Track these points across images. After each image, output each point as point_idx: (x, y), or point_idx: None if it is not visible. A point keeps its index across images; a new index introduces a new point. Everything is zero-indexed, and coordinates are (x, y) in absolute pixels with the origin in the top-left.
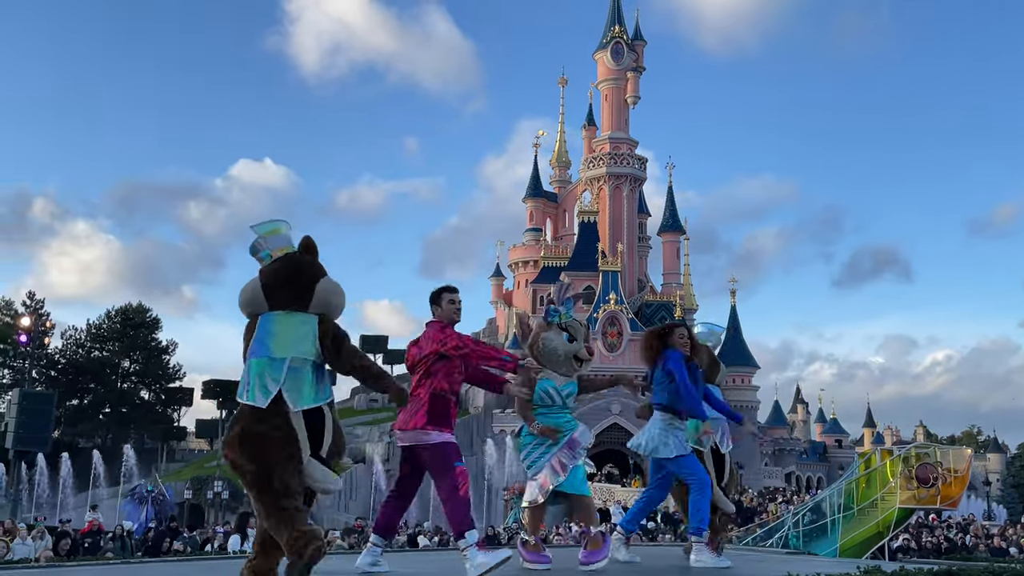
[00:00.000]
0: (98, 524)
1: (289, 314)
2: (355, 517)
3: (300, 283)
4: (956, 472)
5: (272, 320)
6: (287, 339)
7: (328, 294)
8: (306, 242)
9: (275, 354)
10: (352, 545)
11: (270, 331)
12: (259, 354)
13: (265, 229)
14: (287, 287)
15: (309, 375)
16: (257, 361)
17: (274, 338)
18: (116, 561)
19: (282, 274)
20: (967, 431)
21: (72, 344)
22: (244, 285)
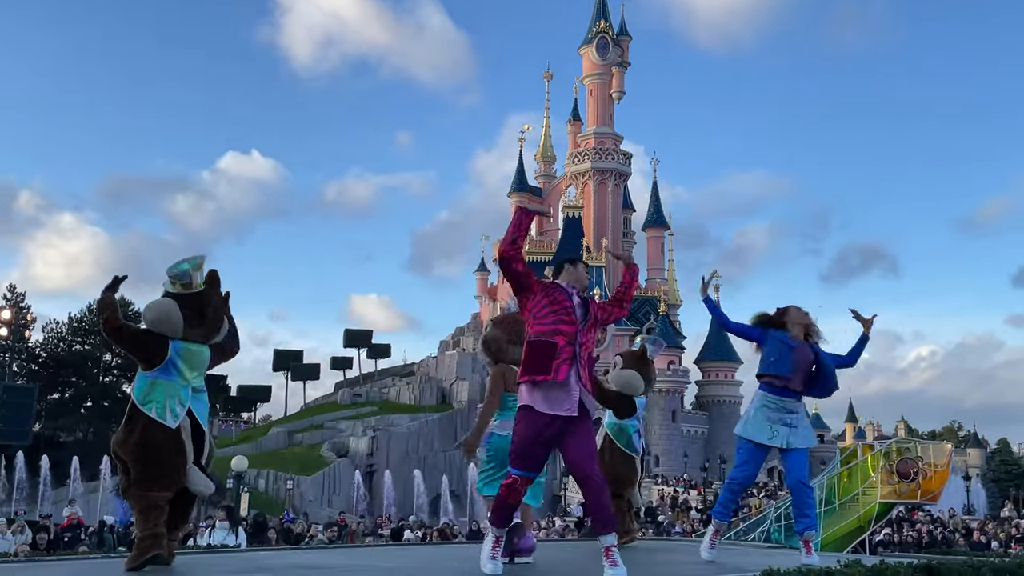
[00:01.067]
0: (78, 518)
1: (196, 345)
2: (338, 512)
3: (214, 327)
4: (937, 467)
5: (183, 349)
6: (195, 368)
7: (226, 332)
8: (215, 278)
9: (183, 380)
10: (332, 539)
11: (180, 358)
12: (171, 377)
13: (195, 262)
14: (205, 327)
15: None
16: (169, 383)
17: (184, 365)
18: (95, 555)
19: (209, 318)
20: (948, 426)
21: (53, 338)
22: (159, 303)
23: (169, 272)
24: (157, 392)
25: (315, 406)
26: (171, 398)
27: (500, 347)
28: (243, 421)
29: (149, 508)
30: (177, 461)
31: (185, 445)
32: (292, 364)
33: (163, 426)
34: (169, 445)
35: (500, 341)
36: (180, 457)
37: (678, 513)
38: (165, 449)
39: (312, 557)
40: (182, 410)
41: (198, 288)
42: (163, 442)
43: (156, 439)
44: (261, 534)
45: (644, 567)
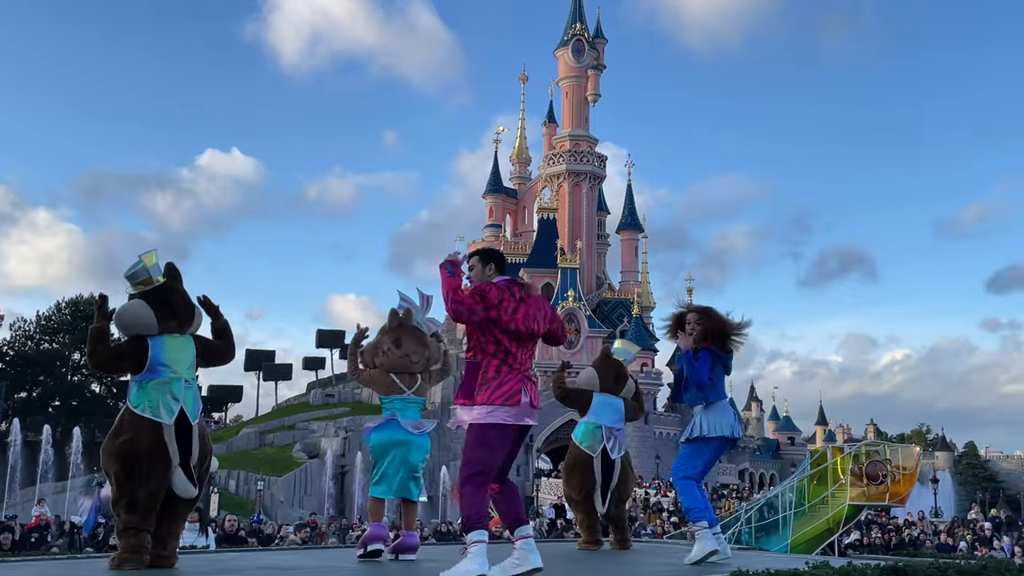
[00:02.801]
0: (45, 518)
1: (175, 337)
2: (309, 513)
3: (187, 313)
4: (905, 469)
5: (163, 343)
6: (182, 360)
7: (200, 318)
8: (174, 271)
9: (172, 374)
10: (305, 540)
11: (164, 352)
12: (160, 374)
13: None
14: (178, 316)
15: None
16: (160, 381)
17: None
18: (62, 556)
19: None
20: (916, 430)
21: (21, 336)
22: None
23: (127, 276)
24: (149, 392)
25: (287, 406)
26: (163, 395)
27: (370, 358)
28: (214, 421)
29: (127, 530)
30: (157, 471)
31: (168, 449)
32: (264, 364)
33: (150, 428)
34: (152, 450)
35: (368, 353)
36: (162, 464)
37: (650, 515)
38: (147, 456)
39: (283, 558)
40: (177, 405)
41: (159, 282)
42: (148, 447)
43: (142, 443)
44: (233, 542)
45: (614, 568)
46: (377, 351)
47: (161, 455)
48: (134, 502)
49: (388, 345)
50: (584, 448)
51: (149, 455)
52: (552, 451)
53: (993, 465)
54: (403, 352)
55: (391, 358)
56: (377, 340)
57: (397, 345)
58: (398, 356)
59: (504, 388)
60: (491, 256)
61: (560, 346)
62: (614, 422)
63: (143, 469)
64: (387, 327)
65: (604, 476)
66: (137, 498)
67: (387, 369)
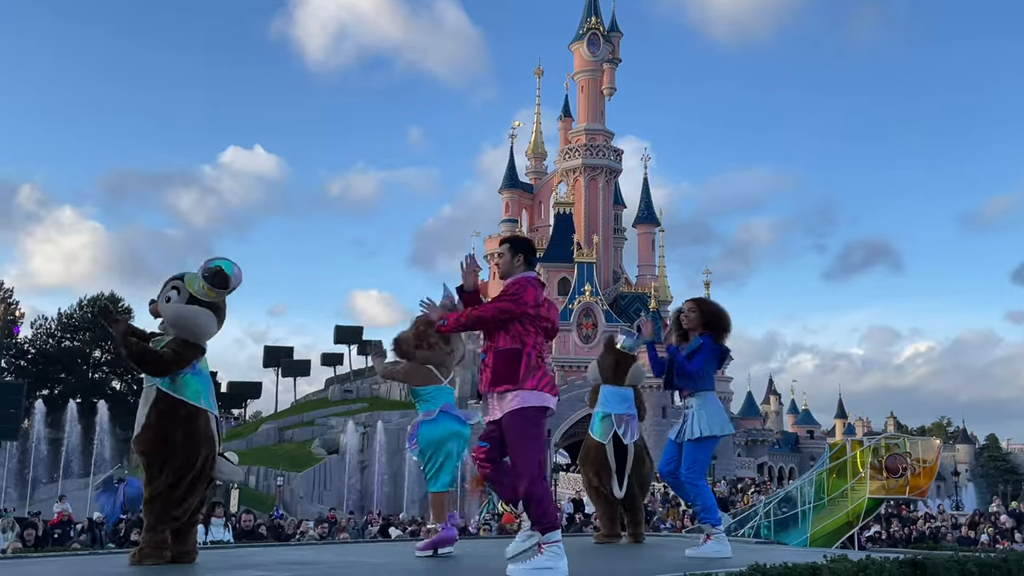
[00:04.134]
0: (67, 515)
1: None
2: (328, 508)
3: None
4: (925, 462)
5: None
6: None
7: None
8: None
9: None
10: (323, 536)
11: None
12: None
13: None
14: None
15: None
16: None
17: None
18: (84, 552)
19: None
20: (937, 422)
21: (42, 334)
22: (198, 317)
23: (206, 274)
24: (192, 383)
25: (306, 402)
26: (206, 388)
27: (408, 348)
28: (233, 417)
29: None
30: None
31: (215, 436)
32: (283, 360)
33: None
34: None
35: (409, 343)
36: (210, 447)
37: (668, 509)
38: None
39: (303, 553)
40: (213, 399)
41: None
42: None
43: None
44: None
45: (632, 562)
46: (422, 343)
47: (209, 440)
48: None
49: (436, 338)
50: (595, 437)
51: (198, 441)
52: (569, 446)
53: (1015, 457)
54: (450, 348)
55: (437, 352)
56: (420, 331)
57: (445, 341)
58: (445, 352)
59: (548, 377)
60: (521, 247)
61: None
62: (624, 410)
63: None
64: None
65: (618, 462)
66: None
67: (427, 361)
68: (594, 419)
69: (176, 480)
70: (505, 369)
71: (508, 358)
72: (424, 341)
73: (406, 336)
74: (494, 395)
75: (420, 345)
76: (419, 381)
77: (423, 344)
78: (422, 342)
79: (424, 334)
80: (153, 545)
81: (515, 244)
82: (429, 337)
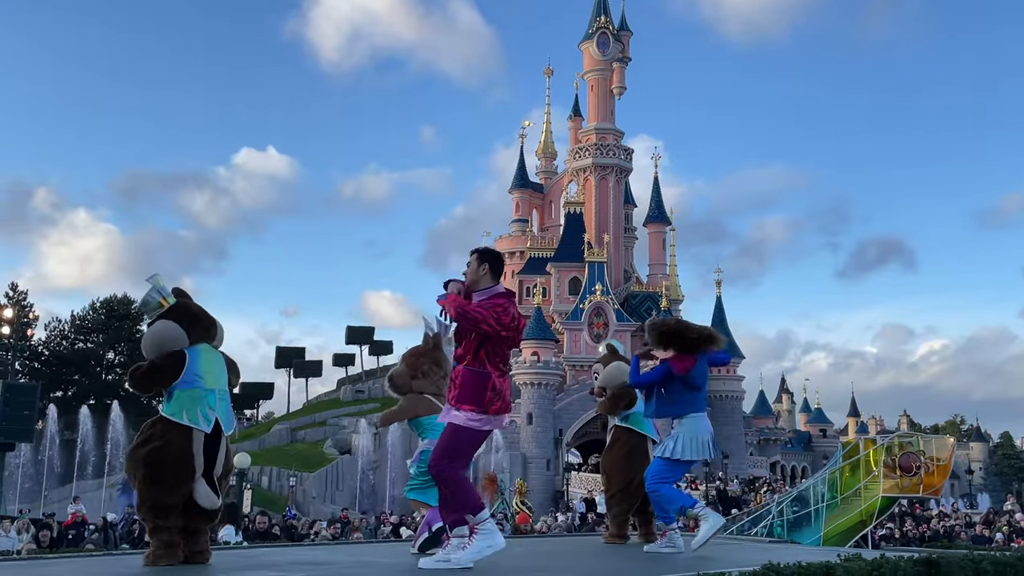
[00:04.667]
0: (81, 516)
1: (208, 350)
2: (340, 508)
3: (209, 321)
4: (939, 461)
5: (198, 355)
6: (214, 373)
7: (222, 330)
8: (182, 290)
9: (207, 385)
10: (336, 536)
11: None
12: (195, 384)
13: (156, 280)
14: (202, 321)
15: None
16: (193, 390)
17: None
18: (98, 553)
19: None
20: (951, 420)
21: (56, 336)
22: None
23: (142, 307)
24: (184, 400)
25: (318, 403)
26: (200, 404)
27: (404, 382)
28: (246, 418)
29: (156, 530)
30: (182, 478)
31: (194, 459)
32: (295, 361)
33: (181, 436)
34: (179, 458)
35: (404, 376)
36: (185, 473)
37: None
38: (173, 463)
39: (316, 553)
40: (212, 414)
41: (171, 302)
42: (175, 455)
43: (170, 450)
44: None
45: (644, 561)
46: (416, 372)
47: (186, 465)
48: (156, 507)
49: (429, 365)
50: (649, 435)
51: (174, 463)
52: (581, 445)
53: None
54: (443, 372)
55: (432, 379)
56: (412, 363)
57: (438, 365)
58: (439, 376)
59: (507, 400)
60: (487, 257)
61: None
62: None
63: (167, 477)
64: (420, 349)
65: None
66: (160, 504)
67: (424, 391)
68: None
69: (154, 499)
70: (471, 390)
71: (474, 379)
72: (418, 371)
73: (399, 371)
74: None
75: (415, 375)
76: (423, 411)
77: (417, 374)
78: (416, 371)
79: (417, 364)
80: (163, 546)
81: (483, 255)
82: (422, 366)
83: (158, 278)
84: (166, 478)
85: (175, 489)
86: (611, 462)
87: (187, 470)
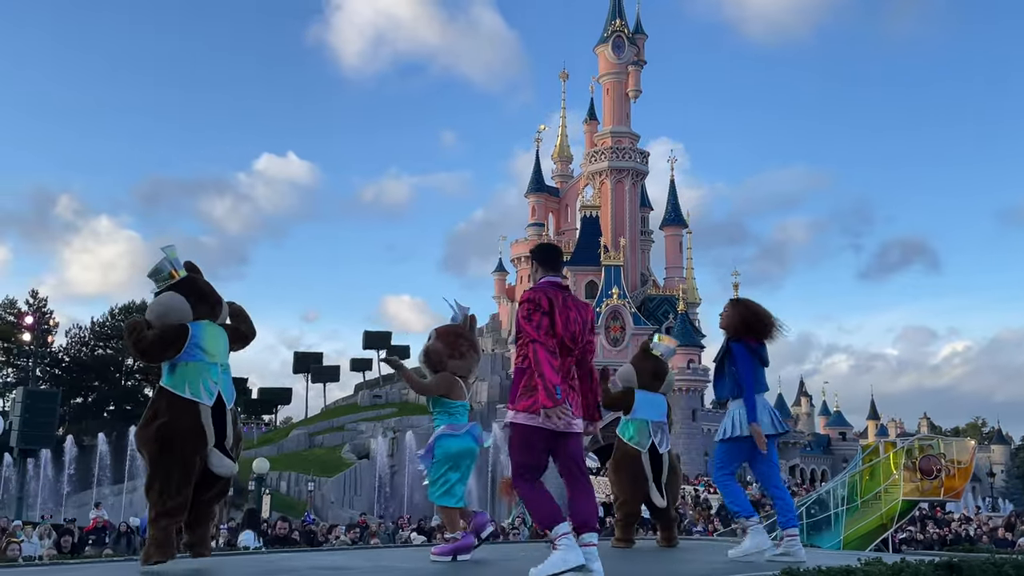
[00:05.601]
0: (103, 521)
1: (212, 325)
2: (359, 513)
3: (216, 299)
4: (960, 464)
5: (202, 329)
6: (217, 348)
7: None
8: (193, 265)
9: (210, 360)
10: (354, 541)
11: (201, 336)
12: (198, 358)
13: (170, 251)
14: (208, 299)
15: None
16: (197, 364)
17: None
18: (119, 558)
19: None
20: (971, 423)
21: (76, 342)
22: (157, 299)
23: (150, 274)
24: (188, 373)
25: (335, 408)
26: (203, 377)
27: (440, 359)
28: (264, 423)
29: (160, 516)
30: (195, 451)
31: (206, 430)
32: (312, 366)
33: (187, 411)
34: (191, 431)
35: (441, 354)
36: (199, 444)
37: (699, 512)
38: (185, 436)
39: (335, 558)
40: (215, 388)
41: (181, 275)
42: (187, 428)
43: (180, 424)
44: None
45: (669, 564)
46: (454, 352)
47: (199, 435)
48: (168, 485)
49: (467, 347)
50: (632, 444)
51: (186, 436)
52: (598, 450)
53: None
54: (478, 356)
55: (468, 362)
56: (452, 342)
57: (475, 349)
58: (474, 361)
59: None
60: (533, 256)
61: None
62: (659, 416)
63: (180, 449)
64: (461, 330)
65: (654, 470)
66: (171, 480)
67: (457, 372)
68: (629, 425)
69: (165, 474)
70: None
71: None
72: (456, 350)
73: (436, 347)
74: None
75: (452, 355)
76: (456, 395)
77: (455, 354)
78: (454, 351)
79: (456, 344)
80: (156, 543)
81: (531, 255)
82: (460, 346)
83: (172, 250)
84: (177, 451)
85: (189, 462)
86: (610, 468)
87: (199, 440)
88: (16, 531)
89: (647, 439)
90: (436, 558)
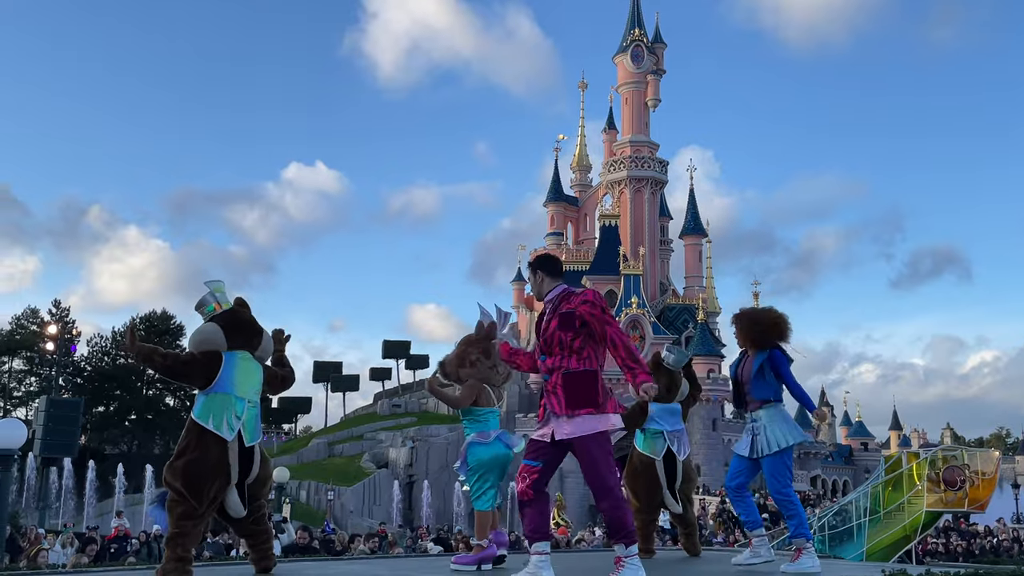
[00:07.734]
0: (124, 530)
1: (246, 360)
2: (378, 522)
3: (254, 331)
4: (984, 474)
5: (234, 362)
6: (247, 384)
7: (269, 342)
8: (242, 300)
9: (237, 393)
10: (374, 550)
11: (233, 368)
12: (226, 389)
13: (215, 285)
14: (244, 331)
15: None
16: (224, 396)
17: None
18: (141, 566)
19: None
20: (996, 433)
21: (98, 352)
22: (198, 328)
23: (197, 309)
24: (214, 406)
25: (355, 417)
26: (227, 411)
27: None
28: (284, 432)
29: (178, 536)
30: (219, 487)
31: (232, 469)
32: (332, 375)
33: (216, 445)
34: (216, 468)
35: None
36: (224, 481)
37: (719, 523)
38: (211, 474)
39: (354, 568)
40: (238, 423)
41: (225, 308)
42: (212, 465)
43: (207, 461)
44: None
45: (673, 572)
46: (464, 361)
47: (224, 475)
48: (189, 512)
49: (477, 355)
50: (647, 453)
51: (214, 473)
52: (617, 459)
53: None
54: (492, 363)
55: (481, 369)
56: (461, 351)
57: (487, 355)
58: (488, 367)
59: (614, 398)
60: (535, 266)
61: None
62: (674, 425)
63: (206, 488)
64: (472, 338)
65: (668, 477)
66: (192, 511)
67: (479, 379)
68: (640, 436)
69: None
70: (582, 390)
71: (585, 379)
72: (466, 360)
73: (450, 357)
74: (563, 416)
75: (462, 364)
76: (483, 402)
77: (465, 363)
78: (463, 360)
79: (465, 353)
80: (174, 560)
81: (531, 266)
82: (469, 355)
83: (218, 284)
84: (204, 489)
85: (213, 500)
86: (626, 478)
87: (225, 479)
88: (40, 540)
89: (662, 447)
90: (458, 567)
